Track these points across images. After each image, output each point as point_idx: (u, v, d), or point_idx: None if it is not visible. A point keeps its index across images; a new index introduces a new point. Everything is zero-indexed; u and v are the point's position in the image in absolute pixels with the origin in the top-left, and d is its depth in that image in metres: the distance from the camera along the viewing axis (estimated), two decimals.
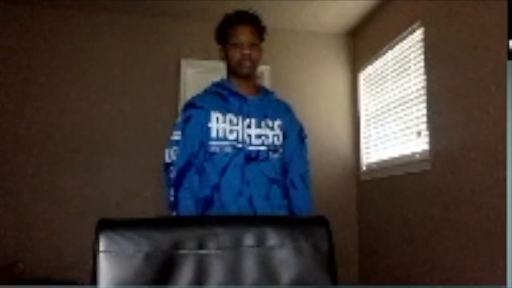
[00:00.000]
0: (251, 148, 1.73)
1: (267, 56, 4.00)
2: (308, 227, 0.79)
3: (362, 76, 4.07)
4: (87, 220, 3.48)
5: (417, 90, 3.09)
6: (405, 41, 3.31)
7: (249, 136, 1.74)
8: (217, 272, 0.74)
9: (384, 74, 3.63)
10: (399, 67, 3.38)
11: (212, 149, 1.70)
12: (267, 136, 1.77)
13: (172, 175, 1.68)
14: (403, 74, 3.32)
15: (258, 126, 1.76)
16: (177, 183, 1.65)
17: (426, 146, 2.93)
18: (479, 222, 2.36)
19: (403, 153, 3.26)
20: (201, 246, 0.75)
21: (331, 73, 4.16)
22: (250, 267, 0.76)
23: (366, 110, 3.98)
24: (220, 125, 1.71)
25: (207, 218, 0.81)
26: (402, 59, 3.35)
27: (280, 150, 1.80)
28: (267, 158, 1.75)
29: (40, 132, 3.57)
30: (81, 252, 3.41)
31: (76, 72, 3.72)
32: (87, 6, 3.73)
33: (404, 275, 3.11)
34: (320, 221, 0.80)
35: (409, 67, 3.24)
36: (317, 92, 4.09)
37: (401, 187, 3.21)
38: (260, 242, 0.77)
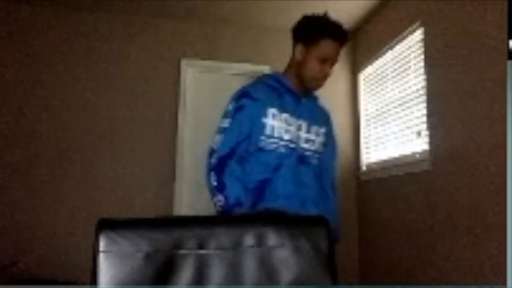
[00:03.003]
0: (302, 151, 1.69)
1: (267, 56, 4.02)
2: (308, 227, 0.79)
3: (362, 76, 4.07)
4: (87, 220, 3.48)
5: (417, 90, 3.09)
6: (405, 41, 3.31)
7: (300, 138, 1.70)
8: (217, 272, 0.74)
9: (384, 74, 3.63)
10: (399, 67, 3.38)
11: (263, 144, 1.63)
12: (313, 142, 1.75)
13: (213, 160, 1.60)
14: (403, 74, 3.32)
15: (308, 130, 1.74)
16: (218, 170, 1.57)
17: (426, 146, 2.93)
18: (479, 222, 2.36)
19: (403, 153, 3.26)
20: (201, 246, 0.75)
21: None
22: (250, 267, 0.75)
23: (366, 110, 3.98)
24: (276, 122, 1.64)
25: (207, 218, 0.81)
26: (402, 59, 3.35)
27: (319, 157, 1.77)
28: (312, 163, 1.72)
29: (40, 132, 3.57)
30: (81, 252, 3.41)
31: (76, 72, 3.72)
32: (87, 6, 3.73)
33: (404, 275, 3.11)
34: (320, 221, 0.80)
35: (409, 67, 3.24)
36: (316, 92, 4.08)
37: (401, 187, 3.21)
38: (260, 242, 0.77)
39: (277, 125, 1.64)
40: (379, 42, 3.68)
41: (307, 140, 1.73)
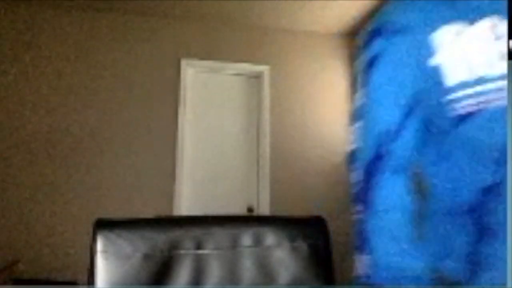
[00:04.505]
0: None
1: (267, 56, 4.03)
2: (305, 227, 0.79)
3: None
4: (87, 220, 3.48)
5: None
6: None
7: None
8: (215, 272, 0.74)
9: None
10: None
11: None
12: None
13: None
14: None
15: None
16: None
17: None
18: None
19: None
20: (198, 246, 0.75)
21: (331, 73, 4.15)
22: (247, 267, 0.76)
23: None
24: None
25: (204, 218, 0.81)
26: None
27: None
28: None
29: (40, 132, 3.58)
30: (81, 252, 3.42)
31: (75, 72, 3.72)
32: (87, 6, 3.73)
33: None
34: (317, 221, 0.80)
35: None
36: (316, 92, 4.09)
37: None
38: (258, 242, 0.77)
39: None
40: None
41: None
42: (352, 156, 0.91)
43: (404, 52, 0.79)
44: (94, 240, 0.71)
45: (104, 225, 0.72)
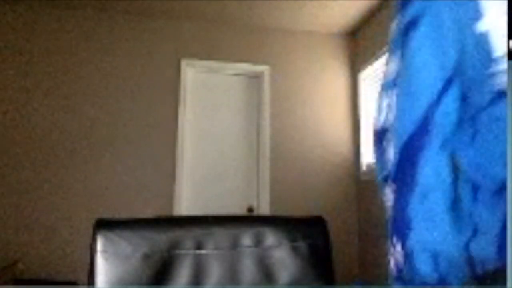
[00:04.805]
0: None
1: (267, 56, 4.03)
2: (305, 227, 0.79)
3: (362, 76, 4.07)
4: (87, 220, 3.48)
5: None
6: None
7: None
8: (215, 272, 0.74)
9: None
10: None
11: None
12: None
13: None
14: None
15: None
16: None
17: None
18: None
19: None
20: (198, 246, 0.75)
21: (331, 73, 4.15)
22: (247, 267, 0.75)
23: (366, 110, 3.97)
24: None
25: (204, 218, 0.81)
26: None
27: None
28: None
29: (40, 132, 3.58)
30: (81, 252, 3.42)
31: (75, 72, 3.72)
32: (87, 6, 3.73)
33: None
34: (317, 221, 0.80)
35: None
36: (317, 92, 4.09)
37: None
38: (258, 242, 0.77)
39: None
40: (379, 42, 3.68)
41: None
42: (381, 133, 0.83)
43: (447, 13, 0.69)
44: (94, 240, 0.71)
45: (104, 225, 0.72)
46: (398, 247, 0.72)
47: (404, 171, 0.68)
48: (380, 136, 0.83)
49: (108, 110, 3.71)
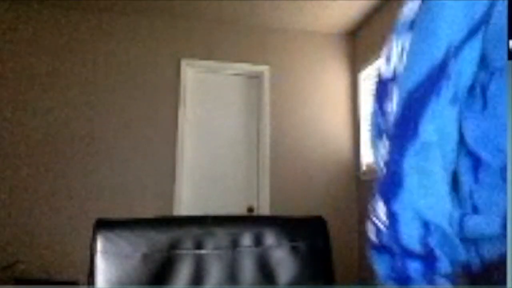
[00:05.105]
0: None
1: (267, 56, 4.03)
2: (305, 227, 0.79)
3: (362, 76, 4.07)
4: (87, 220, 3.48)
5: None
6: None
7: None
8: (215, 272, 0.74)
9: None
10: None
11: None
12: None
13: None
14: None
15: None
16: None
17: None
18: None
19: None
20: (198, 246, 0.75)
21: (331, 73, 4.15)
22: (247, 266, 0.76)
23: (366, 110, 3.97)
24: None
25: (204, 218, 0.81)
26: None
27: None
28: None
29: (40, 132, 3.58)
30: (81, 252, 3.42)
31: (75, 72, 3.72)
32: (87, 6, 3.73)
33: None
34: (317, 221, 0.80)
35: None
36: (317, 92, 4.09)
37: None
38: (258, 242, 0.77)
39: None
40: (379, 42, 3.68)
41: None
42: (385, 84, 0.74)
43: None
44: (94, 240, 0.71)
45: (104, 225, 0.72)
46: (383, 207, 0.64)
47: (405, 122, 0.60)
48: (383, 87, 0.74)
49: (108, 110, 3.71)
